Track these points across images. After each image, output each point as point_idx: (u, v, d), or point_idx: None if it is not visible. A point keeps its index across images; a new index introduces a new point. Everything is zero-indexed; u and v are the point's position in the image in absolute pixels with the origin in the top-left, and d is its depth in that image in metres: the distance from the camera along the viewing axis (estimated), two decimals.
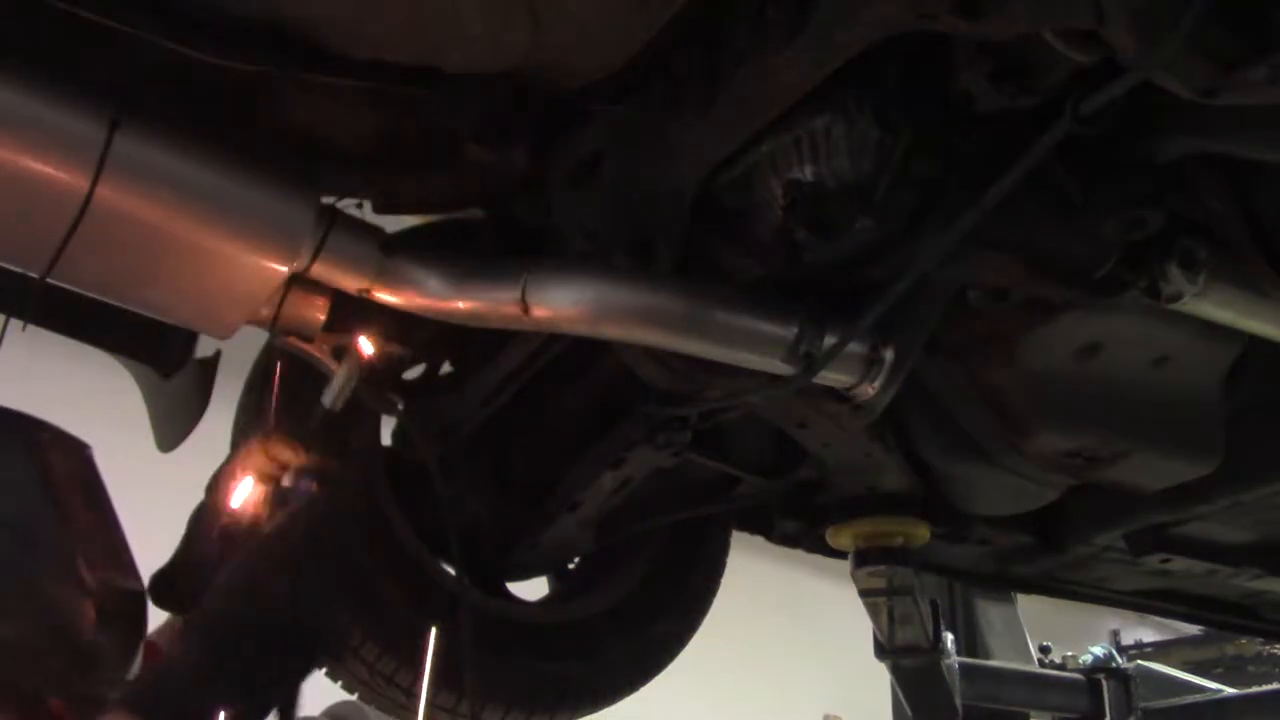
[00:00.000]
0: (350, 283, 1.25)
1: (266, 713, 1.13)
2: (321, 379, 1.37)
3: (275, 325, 1.27)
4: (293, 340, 1.31)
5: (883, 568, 1.87)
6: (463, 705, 1.65)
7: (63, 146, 1.08)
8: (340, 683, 1.69)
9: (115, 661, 1.08)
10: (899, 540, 1.85)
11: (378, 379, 1.42)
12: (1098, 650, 4.19)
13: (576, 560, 2.01)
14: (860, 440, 1.62)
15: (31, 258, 1.12)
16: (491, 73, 1.22)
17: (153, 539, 1.33)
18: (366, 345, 1.34)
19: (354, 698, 1.75)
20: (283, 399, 1.50)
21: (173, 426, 1.58)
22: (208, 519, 1.30)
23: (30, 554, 1.17)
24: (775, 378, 1.27)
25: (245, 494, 1.31)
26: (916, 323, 1.32)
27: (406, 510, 1.69)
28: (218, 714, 1.06)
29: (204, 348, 1.49)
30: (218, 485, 1.31)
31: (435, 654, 1.40)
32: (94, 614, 1.19)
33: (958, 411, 1.53)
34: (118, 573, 1.26)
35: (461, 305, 1.27)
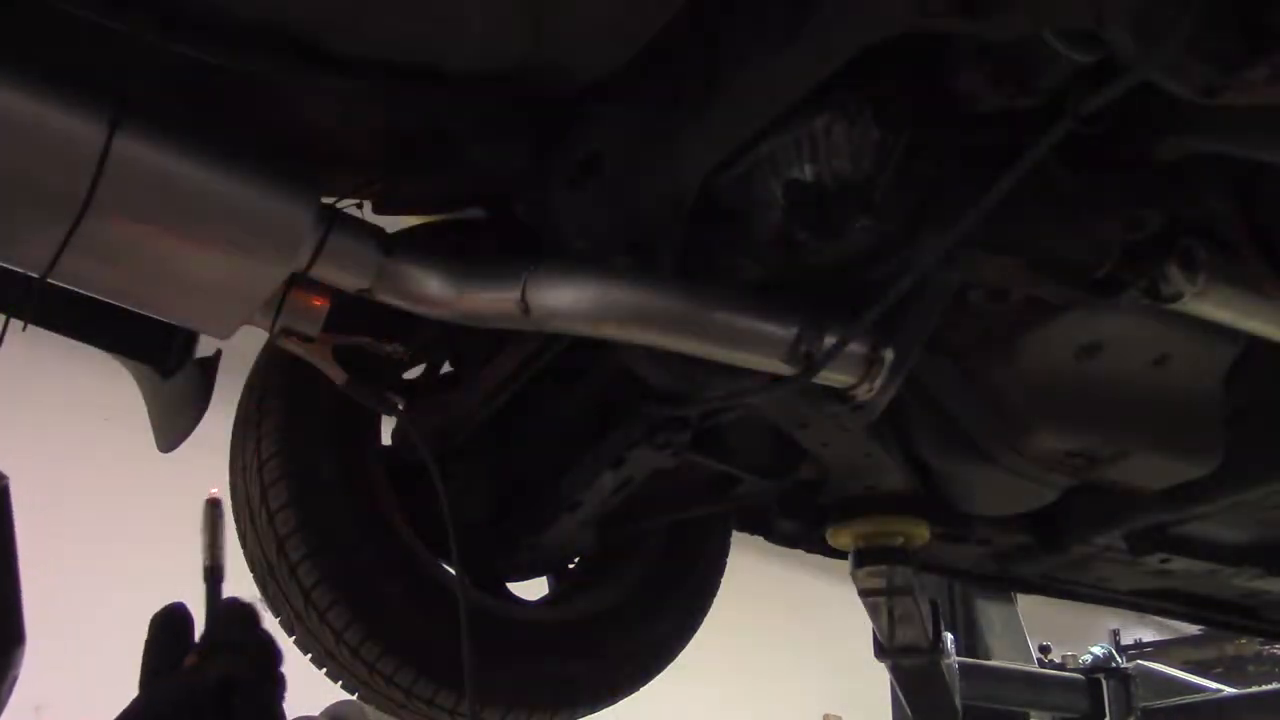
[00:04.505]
0: (350, 283, 1.25)
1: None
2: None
3: (275, 325, 1.26)
4: (293, 340, 1.31)
5: (883, 568, 1.87)
6: (463, 705, 1.65)
7: (63, 146, 1.08)
8: (340, 683, 1.69)
9: None
10: (899, 540, 1.84)
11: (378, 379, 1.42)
12: (1098, 650, 4.19)
13: (576, 560, 2.01)
14: (860, 440, 1.62)
15: (31, 258, 1.12)
16: (492, 73, 1.22)
17: (152, 539, 1.33)
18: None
19: (354, 698, 1.75)
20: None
21: (173, 426, 1.58)
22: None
23: None
24: (775, 378, 1.27)
25: None
26: (916, 323, 1.31)
27: (406, 510, 1.69)
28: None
29: (204, 348, 1.50)
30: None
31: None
32: None
33: (958, 411, 1.53)
34: None
35: (461, 305, 1.26)
